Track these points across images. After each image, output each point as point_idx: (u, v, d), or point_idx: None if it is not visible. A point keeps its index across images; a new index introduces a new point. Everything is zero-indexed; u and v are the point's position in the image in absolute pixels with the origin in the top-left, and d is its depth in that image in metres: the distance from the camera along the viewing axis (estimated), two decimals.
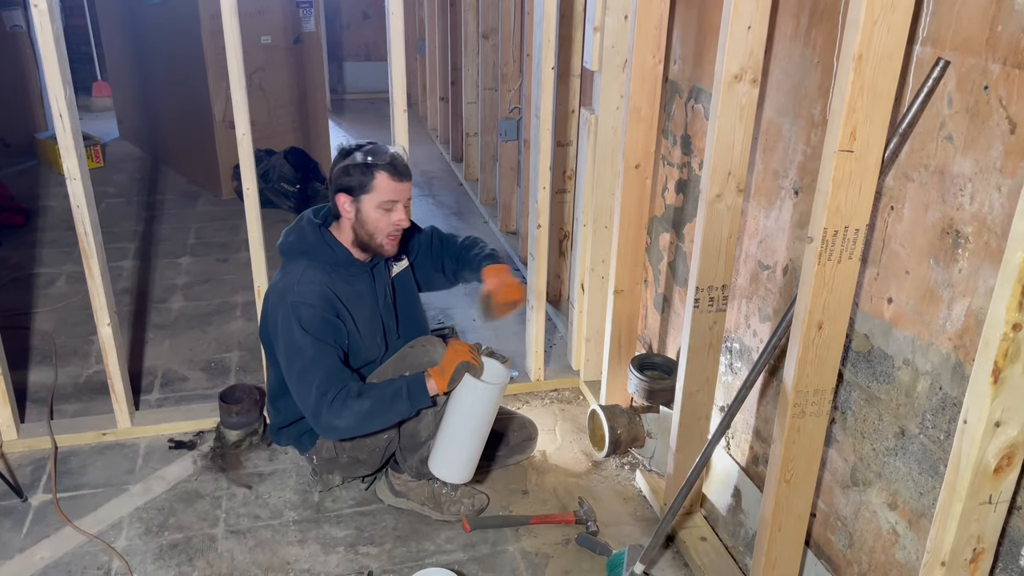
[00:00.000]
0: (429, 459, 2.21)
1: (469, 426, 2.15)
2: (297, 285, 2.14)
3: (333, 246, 2.19)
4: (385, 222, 2.14)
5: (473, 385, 2.10)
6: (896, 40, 1.39)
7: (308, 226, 2.23)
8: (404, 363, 2.19)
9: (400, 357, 2.22)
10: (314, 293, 2.13)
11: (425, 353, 2.19)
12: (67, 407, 2.81)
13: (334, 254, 2.19)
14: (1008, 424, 1.23)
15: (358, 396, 2.07)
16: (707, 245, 1.96)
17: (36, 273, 3.87)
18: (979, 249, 1.39)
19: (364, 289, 2.25)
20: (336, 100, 7.89)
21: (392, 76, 2.45)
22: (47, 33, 2.11)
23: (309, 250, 2.20)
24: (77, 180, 2.27)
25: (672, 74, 2.44)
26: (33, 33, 2.28)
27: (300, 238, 2.23)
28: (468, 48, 4.77)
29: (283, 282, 2.18)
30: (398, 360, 2.22)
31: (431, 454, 2.21)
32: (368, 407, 2.07)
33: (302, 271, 2.17)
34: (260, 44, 4.88)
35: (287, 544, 2.22)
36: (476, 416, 2.14)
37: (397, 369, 2.19)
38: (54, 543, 2.20)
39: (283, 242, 2.26)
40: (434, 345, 2.21)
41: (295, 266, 2.20)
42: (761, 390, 2.11)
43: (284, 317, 2.12)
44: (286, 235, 2.26)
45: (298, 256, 2.22)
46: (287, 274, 2.20)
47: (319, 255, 2.19)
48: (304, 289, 2.13)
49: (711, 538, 2.22)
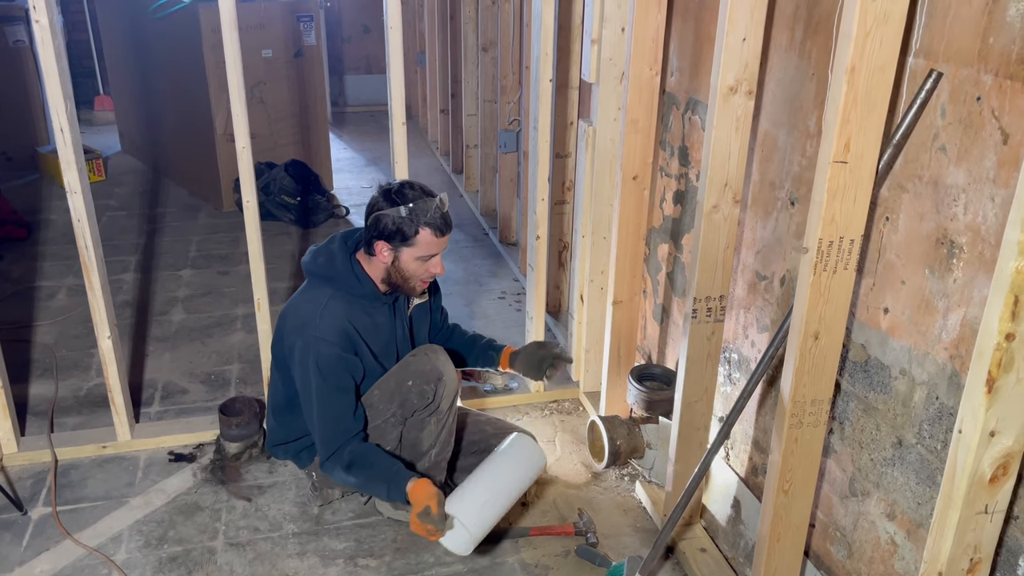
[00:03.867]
0: (459, 504, 2.04)
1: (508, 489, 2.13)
2: (319, 319, 2.15)
3: (361, 279, 2.20)
4: (421, 271, 2.17)
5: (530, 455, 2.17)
6: (889, 52, 1.40)
7: (339, 252, 2.21)
8: (407, 371, 2.21)
9: (403, 365, 2.23)
10: (334, 329, 2.15)
11: (428, 361, 2.21)
12: (68, 420, 2.81)
13: (360, 286, 2.20)
14: (1003, 434, 1.24)
15: (347, 469, 2.17)
16: (705, 256, 1.97)
17: (37, 286, 3.88)
18: (973, 259, 1.39)
19: (383, 322, 2.28)
20: (337, 112, 7.92)
21: (391, 89, 2.47)
22: (48, 48, 2.13)
23: (336, 278, 2.20)
24: (78, 194, 2.28)
25: (669, 86, 2.46)
26: (35, 48, 2.29)
27: (329, 263, 2.21)
28: (468, 61, 4.79)
29: (306, 310, 2.19)
30: (401, 368, 2.23)
31: (461, 501, 2.05)
32: (353, 482, 2.21)
33: (325, 303, 2.17)
34: (261, 57, 4.90)
35: (286, 557, 2.22)
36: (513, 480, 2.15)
37: (399, 377, 2.21)
38: (54, 556, 2.20)
39: (311, 262, 2.24)
40: (436, 353, 2.23)
41: (319, 293, 2.20)
42: (760, 400, 2.11)
43: (302, 351, 2.16)
44: (315, 255, 2.25)
45: (323, 282, 2.21)
46: (310, 302, 2.20)
47: (345, 285, 2.19)
48: (325, 324, 2.14)
49: (711, 549, 2.21)
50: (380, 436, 2.25)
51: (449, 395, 2.23)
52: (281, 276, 4.04)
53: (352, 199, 5.31)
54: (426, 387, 2.18)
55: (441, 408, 2.22)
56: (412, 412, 2.22)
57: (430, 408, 2.21)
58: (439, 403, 2.21)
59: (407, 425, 2.24)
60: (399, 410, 2.21)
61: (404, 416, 2.22)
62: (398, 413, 2.22)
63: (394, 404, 2.21)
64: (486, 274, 4.18)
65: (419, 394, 2.19)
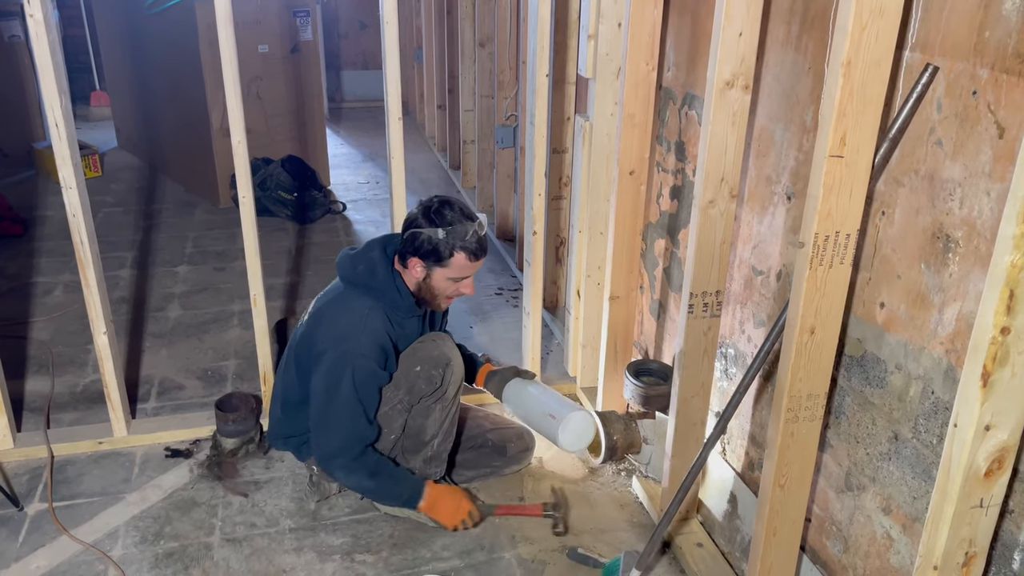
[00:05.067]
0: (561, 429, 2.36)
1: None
2: (361, 335, 2.14)
3: (402, 292, 2.20)
4: (451, 290, 2.20)
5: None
6: (885, 46, 1.40)
7: (380, 263, 2.21)
8: (415, 357, 2.23)
9: (410, 352, 2.25)
10: (374, 346, 2.15)
11: (436, 347, 2.24)
12: (64, 416, 2.80)
13: (401, 300, 2.20)
14: (998, 428, 1.24)
15: (372, 475, 2.21)
16: (701, 251, 1.97)
17: (34, 283, 3.87)
18: (969, 253, 1.39)
19: (413, 332, 2.30)
20: (334, 108, 7.91)
21: (387, 84, 2.46)
22: (43, 42, 2.12)
23: (378, 288, 2.19)
24: (73, 189, 2.27)
25: (666, 81, 2.45)
26: (31, 43, 2.28)
27: (370, 274, 2.20)
28: (465, 56, 4.79)
29: (345, 321, 2.18)
30: (408, 355, 2.25)
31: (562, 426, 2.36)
32: (369, 488, 2.27)
33: (366, 316, 2.17)
34: (257, 53, 4.89)
35: (283, 552, 2.22)
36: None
37: (407, 363, 2.23)
38: (50, 552, 2.20)
39: (350, 270, 2.23)
40: (443, 339, 2.28)
41: (359, 305, 2.19)
42: (756, 395, 2.11)
43: (336, 361, 2.15)
44: (353, 263, 2.23)
45: (363, 292, 2.21)
46: (349, 313, 2.19)
47: (386, 297, 2.20)
48: (366, 340, 2.14)
49: (707, 544, 2.21)
50: (384, 423, 2.25)
51: (456, 381, 2.25)
52: (278, 272, 4.03)
53: (349, 195, 5.31)
54: (434, 372, 2.20)
55: (447, 395, 2.23)
56: (419, 398, 2.23)
57: (437, 394, 2.22)
58: (446, 388, 2.23)
59: (412, 412, 2.25)
60: (406, 396, 2.22)
61: (411, 403, 2.23)
62: (405, 399, 2.23)
63: (401, 390, 2.22)
64: (483, 270, 4.16)
65: (427, 379, 2.20)
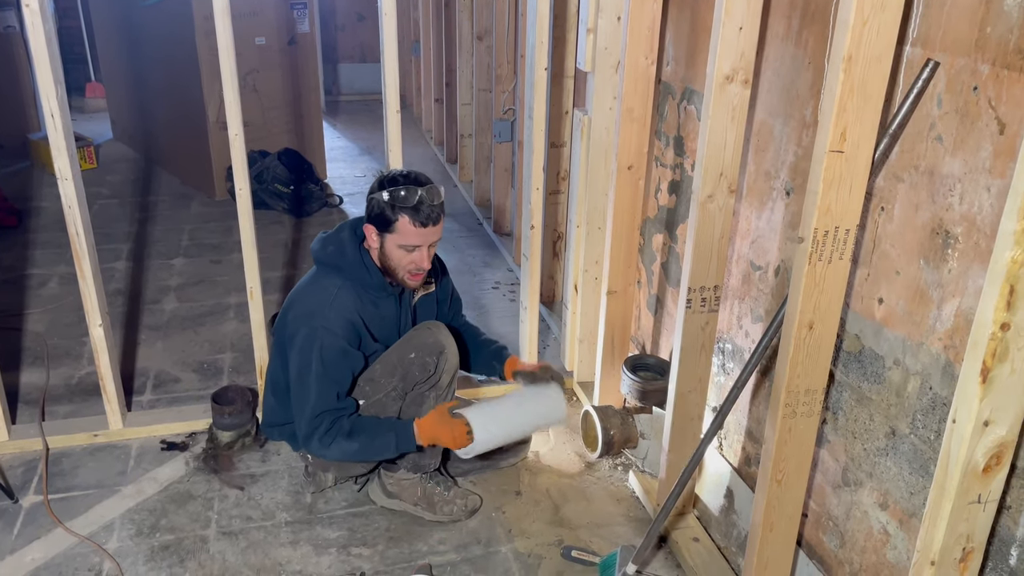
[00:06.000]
0: (473, 418, 2.19)
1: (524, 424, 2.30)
2: (328, 310, 2.15)
3: (370, 269, 2.19)
4: (406, 260, 2.17)
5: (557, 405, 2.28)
6: (886, 41, 1.39)
7: (349, 242, 2.21)
8: (409, 344, 2.22)
9: (405, 339, 2.25)
10: (341, 321, 2.15)
11: (430, 335, 2.23)
12: (59, 408, 2.80)
13: (369, 277, 2.20)
14: (997, 423, 1.24)
15: (348, 436, 2.16)
16: (699, 246, 1.97)
17: (28, 274, 3.85)
18: (968, 249, 1.39)
19: (389, 313, 2.28)
20: (331, 101, 7.88)
21: (385, 77, 2.45)
22: (39, 32, 2.10)
23: (345, 268, 2.19)
24: (69, 180, 2.26)
25: (665, 75, 2.45)
26: (26, 34, 2.27)
27: (339, 253, 2.21)
28: (463, 49, 4.77)
29: (314, 299, 2.18)
30: (403, 342, 2.24)
31: (477, 415, 2.21)
32: (356, 448, 2.18)
33: (335, 294, 2.17)
34: (254, 45, 4.87)
35: (279, 545, 2.22)
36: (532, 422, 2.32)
37: (401, 350, 2.22)
38: (45, 544, 2.19)
39: (320, 251, 2.24)
40: (438, 328, 2.26)
41: (328, 283, 2.19)
42: (753, 391, 2.11)
43: (305, 338, 2.15)
44: (324, 243, 2.24)
45: (333, 272, 2.21)
46: (319, 291, 2.19)
47: (354, 275, 2.19)
48: (333, 315, 2.14)
49: (703, 538, 2.22)
50: (380, 410, 2.24)
51: (450, 369, 2.24)
52: (274, 265, 4.02)
53: (346, 188, 5.29)
54: (428, 359, 2.19)
55: (442, 382, 2.23)
56: (413, 385, 2.22)
57: (431, 381, 2.22)
58: (440, 376, 2.22)
59: (407, 400, 2.25)
60: (400, 383, 2.21)
61: (405, 390, 2.23)
62: (399, 387, 2.22)
63: (395, 377, 2.21)
64: (480, 264, 4.17)
65: (421, 366, 2.19)
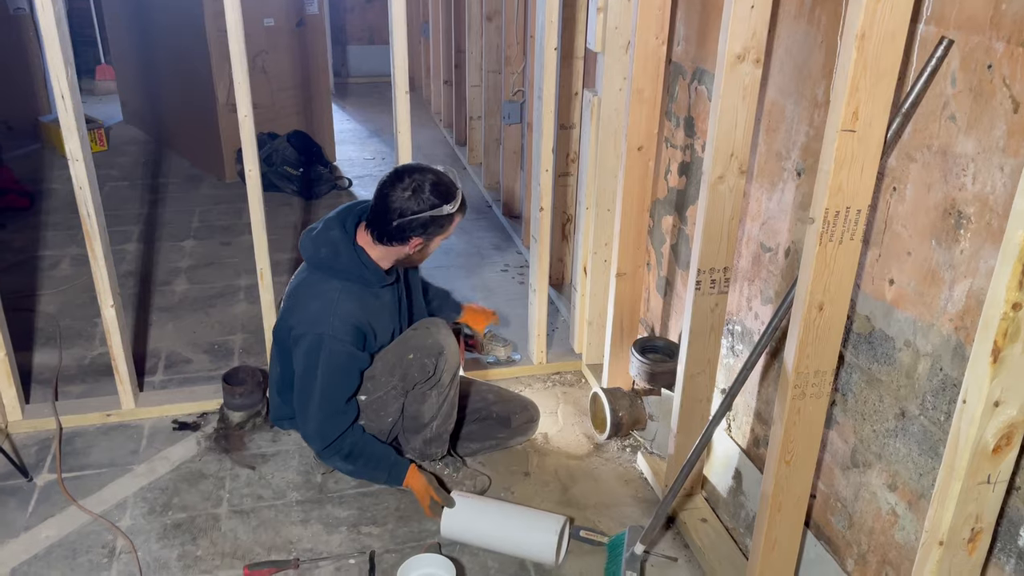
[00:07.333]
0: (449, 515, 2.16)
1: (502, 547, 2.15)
2: (332, 318, 2.12)
3: (369, 266, 2.16)
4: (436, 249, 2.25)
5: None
6: (899, 18, 1.38)
7: (342, 243, 2.15)
8: (407, 344, 2.22)
9: (404, 339, 2.24)
10: (347, 327, 2.13)
11: (429, 335, 2.22)
12: (72, 388, 2.82)
13: (369, 275, 2.17)
14: (1007, 404, 1.23)
15: (346, 458, 2.22)
16: (709, 227, 1.96)
17: (40, 256, 3.88)
18: (981, 229, 1.38)
19: (389, 300, 2.27)
20: (340, 83, 7.86)
21: (394, 58, 2.44)
22: (49, 12, 2.10)
23: (344, 270, 2.15)
24: (80, 162, 2.27)
25: (675, 55, 2.43)
26: (36, 15, 2.27)
27: (333, 256, 2.15)
28: (472, 30, 4.74)
29: (315, 306, 2.14)
30: (401, 341, 2.24)
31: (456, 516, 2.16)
32: (350, 469, 2.27)
33: (336, 300, 2.13)
34: (263, 26, 4.86)
35: (290, 524, 2.24)
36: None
37: (400, 350, 2.21)
38: (59, 522, 2.22)
39: (313, 254, 2.18)
40: (437, 327, 2.24)
41: (327, 288, 2.15)
42: (762, 372, 2.11)
43: (312, 345, 2.14)
44: (316, 246, 2.17)
45: (330, 275, 2.17)
46: (318, 297, 2.15)
47: (354, 275, 2.16)
48: (337, 323, 2.12)
49: (711, 519, 2.22)
50: (382, 407, 2.26)
51: (450, 369, 2.23)
52: (284, 247, 4.03)
53: (355, 170, 5.29)
54: (427, 361, 2.19)
55: (442, 382, 2.23)
56: (413, 385, 2.22)
57: (431, 381, 2.22)
58: (440, 376, 2.22)
59: (408, 398, 2.25)
60: (400, 383, 2.22)
61: (405, 389, 2.23)
62: (399, 386, 2.23)
63: (395, 377, 2.22)
64: (489, 247, 4.16)
65: (420, 368, 2.19)
